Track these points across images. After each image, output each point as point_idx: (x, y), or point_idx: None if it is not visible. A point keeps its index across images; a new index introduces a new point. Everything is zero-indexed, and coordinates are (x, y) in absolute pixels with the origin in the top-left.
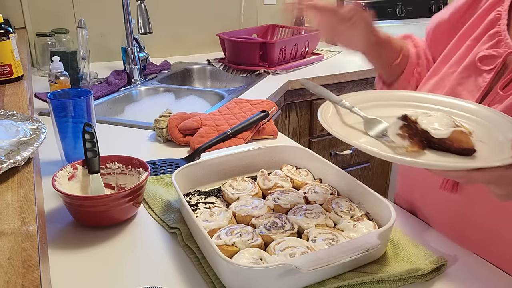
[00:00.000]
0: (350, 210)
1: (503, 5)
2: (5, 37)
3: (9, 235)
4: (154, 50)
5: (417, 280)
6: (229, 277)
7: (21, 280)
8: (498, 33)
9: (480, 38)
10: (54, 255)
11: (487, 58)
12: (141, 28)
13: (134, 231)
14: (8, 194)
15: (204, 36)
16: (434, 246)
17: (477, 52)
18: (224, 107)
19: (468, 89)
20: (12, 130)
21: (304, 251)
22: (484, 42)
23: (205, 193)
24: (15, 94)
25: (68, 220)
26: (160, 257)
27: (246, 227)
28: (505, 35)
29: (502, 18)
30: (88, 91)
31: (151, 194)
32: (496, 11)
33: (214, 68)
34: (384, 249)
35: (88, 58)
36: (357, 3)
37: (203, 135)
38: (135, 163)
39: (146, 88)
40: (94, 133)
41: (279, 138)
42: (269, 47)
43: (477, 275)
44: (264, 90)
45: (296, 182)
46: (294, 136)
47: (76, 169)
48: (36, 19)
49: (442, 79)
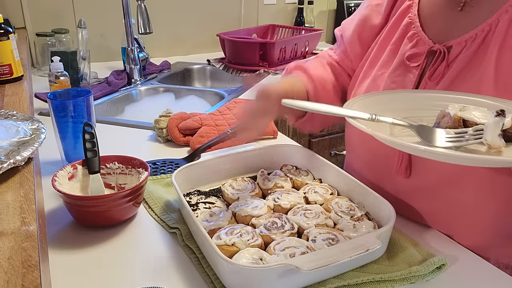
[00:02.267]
0: (350, 210)
1: (412, 11)
2: (5, 37)
3: (9, 235)
4: (154, 50)
5: (417, 280)
6: (229, 277)
7: (21, 280)
8: (415, 34)
9: (400, 41)
10: (54, 255)
11: (413, 56)
12: (141, 28)
13: (134, 231)
14: (8, 194)
15: (204, 36)
16: (434, 246)
17: (403, 53)
18: (224, 107)
19: (401, 85)
20: (12, 130)
21: (304, 251)
22: (405, 44)
23: (205, 193)
24: (15, 94)
25: (68, 220)
26: (160, 257)
27: (246, 227)
28: (422, 35)
29: (414, 22)
30: (88, 91)
31: (151, 194)
32: (407, 17)
33: (214, 68)
34: (384, 249)
35: (88, 58)
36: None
37: (203, 135)
38: (135, 163)
39: (146, 88)
40: (94, 133)
41: (279, 138)
42: (269, 47)
43: (477, 275)
44: None
45: (296, 182)
46: (294, 136)
47: (76, 169)
48: (36, 19)
49: (374, 80)
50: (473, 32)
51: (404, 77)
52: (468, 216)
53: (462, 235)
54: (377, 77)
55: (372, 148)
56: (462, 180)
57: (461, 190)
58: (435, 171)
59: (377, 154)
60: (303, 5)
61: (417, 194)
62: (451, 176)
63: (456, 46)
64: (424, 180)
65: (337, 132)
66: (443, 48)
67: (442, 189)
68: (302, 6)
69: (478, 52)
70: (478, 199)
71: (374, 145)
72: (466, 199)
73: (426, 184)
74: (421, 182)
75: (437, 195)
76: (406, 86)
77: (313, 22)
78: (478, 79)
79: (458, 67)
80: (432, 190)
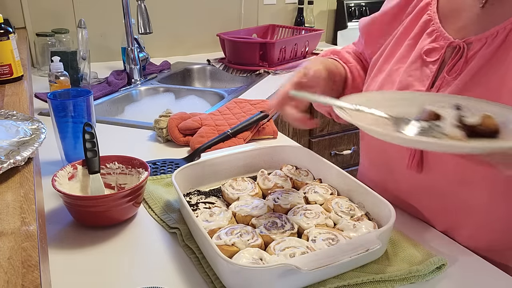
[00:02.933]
0: (350, 210)
1: (431, 8)
2: (5, 37)
3: (9, 235)
4: (154, 50)
5: (417, 280)
6: (229, 277)
7: (21, 280)
8: (434, 30)
9: (418, 37)
10: (54, 255)
11: (431, 51)
12: (141, 28)
13: (134, 231)
14: (8, 194)
15: (204, 36)
16: (434, 246)
17: (421, 47)
18: (224, 107)
19: (418, 79)
20: (12, 130)
21: (304, 251)
22: (424, 39)
23: (205, 193)
24: (15, 94)
25: (68, 220)
26: (160, 257)
27: (246, 227)
28: (442, 30)
29: (434, 19)
30: (88, 91)
31: (151, 194)
32: (426, 14)
33: (214, 68)
34: (384, 249)
35: (88, 58)
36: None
37: (203, 135)
38: (135, 163)
39: (146, 88)
40: (94, 133)
41: (279, 138)
42: (269, 47)
43: (477, 275)
44: (264, 90)
45: (296, 182)
46: (294, 136)
47: (76, 169)
48: (36, 19)
49: (390, 75)
50: (494, 29)
51: (421, 71)
52: (478, 217)
53: (469, 236)
54: (392, 71)
55: (382, 143)
56: (474, 179)
57: (473, 190)
58: (447, 169)
59: (388, 149)
60: (303, 5)
61: (427, 192)
62: (464, 174)
63: (477, 42)
64: (435, 177)
65: (337, 132)
66: (463, 44)
67: (453, 188)
68: (302, 6)
69: (500, 50)
70: (491, 200)
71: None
72: (478, 200)
73: (437, 181)
74: (433, 179)
75: (448, 194)
76: (422, 80)
77: (313, 22)
78: (500, 77)
79: (478, 64)
80: (443, 188)
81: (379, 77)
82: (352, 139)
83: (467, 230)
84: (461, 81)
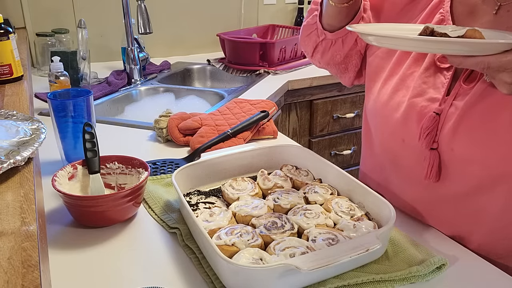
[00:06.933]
0: (350, 210)
1: (443, 7)
2: (5, 37)
3: (9, 235)
4: (154, 50)
5: (417, 280)
6: (229, 277)
7: (21, 280)
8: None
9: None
10: (54, 255)
11: (445, 56)
12: (141, 28)
13: (134, 231)
14: (8, 194)
15: (204, 36)
16: (434, 246)
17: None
18: (224, 107)
19: (433, 86)
20: (12, 130)
21: (304, 251)
22: None
23: (205, 193)
24: (15, 94)
25: (68, 220)
26: (160, 257)
27: (246, 227)
28: None
29: (446, 19)
30: (88, 91)
31: (151, 194)
32: (439, 13)
33: (214, 68)
34: (384, 249)
35: (88, 58)
36: None
37: (203, 135)
38: (135, 163)
39: (146, 88)
40: (94, 133)
41: (279, 138)
42: (269, 47)
43: (477, 275)
44: (264, 90)
45: (296, 182)
46: (294, 136)
47: (76, 169)
48: (36, 19)
49: (403, 79)
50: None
51: (435, 78)
52: (491, 223)
53: (480, 242)
54: (406, 76)
55: (396, 150)
56: (492, 185)
57: (490, 196)
58: (466, 177)
59: (403, 158)
60: (303, 5)
61: (439, 199)
62: (485, 181)
63: None
64: (451, 185)
65: (337, 132)
66: None
67: (469, 195)
68: (302, 6)
69: None
70: (506, 205)
71: (399, 150)
72: (493, 206)
73: (452, 189)
74: (448, 187)
75: (461, 201)
76: (438, 88)
77: None
78: None
79: None
80: (459, 198)
81: (392, 81)
82: (352, 139)
83: (478, 236)
84: (478, 89)
